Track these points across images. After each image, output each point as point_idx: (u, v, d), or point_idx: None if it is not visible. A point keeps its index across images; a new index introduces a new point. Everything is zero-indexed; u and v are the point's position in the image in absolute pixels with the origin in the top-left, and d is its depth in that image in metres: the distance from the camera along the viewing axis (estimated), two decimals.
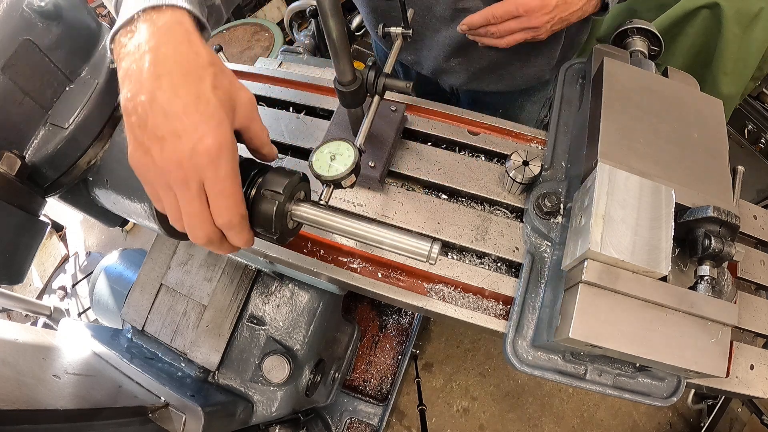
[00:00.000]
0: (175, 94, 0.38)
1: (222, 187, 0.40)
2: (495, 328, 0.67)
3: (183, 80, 0.39)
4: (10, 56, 0.44)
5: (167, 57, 0.38)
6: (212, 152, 0.39)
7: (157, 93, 0.38)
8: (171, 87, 0.38)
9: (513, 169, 0.71)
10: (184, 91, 0.38)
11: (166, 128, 0.38)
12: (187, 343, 0.92)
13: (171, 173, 0.39)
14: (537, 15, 0.74)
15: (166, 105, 0.38)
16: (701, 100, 0.67)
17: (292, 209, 0.50)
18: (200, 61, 0.40)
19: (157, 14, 0.40)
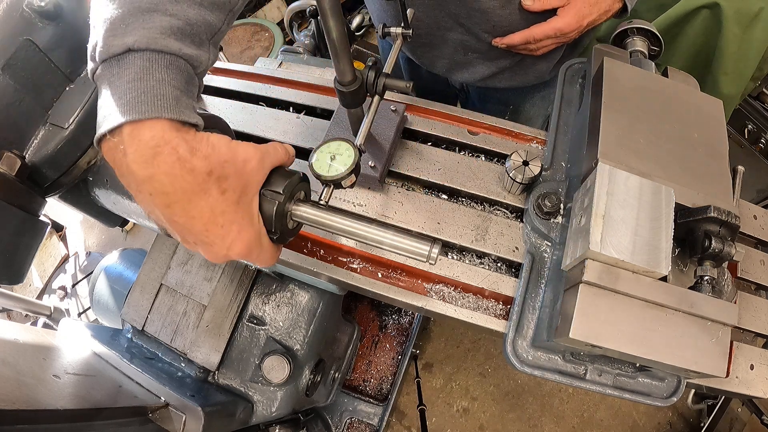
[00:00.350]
0: (190, 217, 0.40)
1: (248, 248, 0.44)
2: (495, 328, 0.67)
3: (191, 204, 0.39)
4: (10, 56, 0.45)
5: (165, 186, 0.38)
6: (243, 253, 0.43)
7: (175, 219, 0.40)
8: (183, 212, 0.40)
9: (513, 169, 0.71)
10: (197, 212, 0.40)
11: (197, 241, 0.42)
12: (187, 343, 0.92)
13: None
14: (571, 33, 0.82)
15: (188, 227, 0.41)
16: (701, 100, 0.67)
17: (292, 209, 0.50)
18: (198, 178, 0.39)
19: (139, 130, 0.37)
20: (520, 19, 0.85)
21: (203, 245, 0.43)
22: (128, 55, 0.38)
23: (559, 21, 0.81)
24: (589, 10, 0.80)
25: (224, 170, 0.40)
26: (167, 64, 0.39)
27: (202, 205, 0.40)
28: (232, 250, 0.43)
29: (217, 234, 0.41)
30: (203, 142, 0.40)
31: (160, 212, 0.40)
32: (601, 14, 0.82)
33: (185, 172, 0.38)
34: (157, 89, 0.37)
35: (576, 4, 0.80)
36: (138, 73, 0.38)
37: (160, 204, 0.39)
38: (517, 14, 0.84)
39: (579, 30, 0.83)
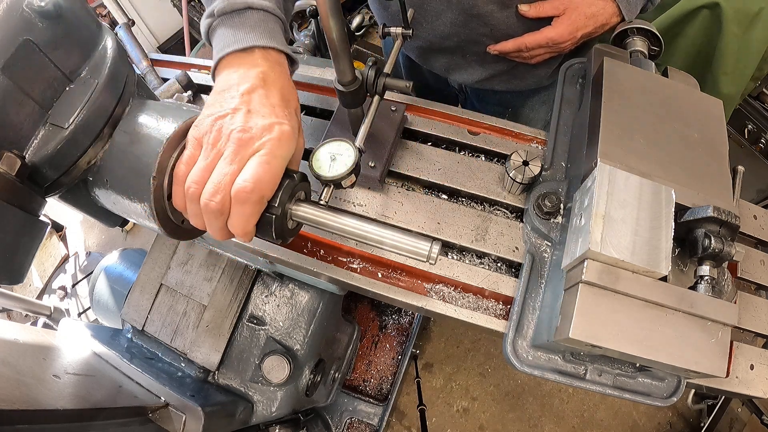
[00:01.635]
0: (273, 96, 0.52)
1: (269, 159, 0.47)
2: (495, 328, 0.67)
3: (280, 94, 0.53)
4: (10, 56, 0.44)
5: (275, 78, 0.54)
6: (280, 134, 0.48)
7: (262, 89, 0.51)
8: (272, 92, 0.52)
9: (513, 169, 0.71)
10: (279, 98, 0.52)
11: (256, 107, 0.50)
12: (187, 343, 0.92)
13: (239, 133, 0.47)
14: (565, 44, 0.82)
15: (264, 96, 0.51)
16: (701, 100, 0.67)
17: (292, 209, 0.50)
18: (293, 93, 0.56)
19: (266, 51, 0.54)
20: (518, 24, 0.85)
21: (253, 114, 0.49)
22: (248, 11, 0.55)
23: (551, 31, 0.81)
24: (585, 23, 0.80)
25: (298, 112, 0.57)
26: (275, 20, 0.58)
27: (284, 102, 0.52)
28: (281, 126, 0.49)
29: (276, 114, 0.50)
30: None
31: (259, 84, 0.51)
32: (598, 27, 0.81)
33: (288, 84, 0.56)
34: (275, 32, 0.56)
35: (571, 15, 0.79)
36: (258, 22, 0.55)
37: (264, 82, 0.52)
38: (514, 19, 0.84)
39: (573, 41, 0.82)
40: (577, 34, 0.80)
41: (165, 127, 0.50)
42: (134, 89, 0.55)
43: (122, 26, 1.13)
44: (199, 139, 0.48)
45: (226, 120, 0.48)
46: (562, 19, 0.80)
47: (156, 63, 1.06)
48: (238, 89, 0.50)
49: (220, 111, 0.49)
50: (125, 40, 1.09)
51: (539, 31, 0.82)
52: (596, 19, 0.80)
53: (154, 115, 0.52)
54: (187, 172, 0.48)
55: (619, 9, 0.79)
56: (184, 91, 0.92)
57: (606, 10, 0.79)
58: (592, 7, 0.79)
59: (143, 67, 1.03)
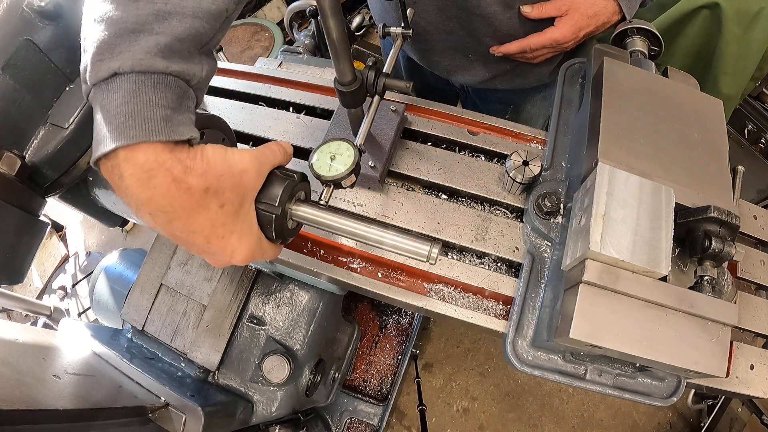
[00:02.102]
0: (191, 232, 0.41)
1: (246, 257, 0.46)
2: (495, 328, 0.67)
3: (191, 219, 0.40)
4: (10, 56, 0.44)
5: (164, 206, 0.39)
6: (246, 259, 0.45)
7: (177, 234, 0.41)
8: (184, 228, 0.41)
9: (513, 169, 0.71)
10: (198, 227, 0.41)
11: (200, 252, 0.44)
12: (187, 343, 0.92)
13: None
14: (568, 44, 0.83)
15: (192, 241, 0.42)
16: (701, 100, 0.67)
17: (292, 209, 0.50)
18: (195, 196, 0.39)
19: (133, 154, 0.37)
20: (521, 25, 0.85)
21: (206, 255, 0.45)
22: (115, 79, 0.38)
23: (555, 32, 0.81)
24: (587, 22, 0.80)
25: (221, 184, 0.41)
26: (154, 84, 0.38)
27: (202, 220, 0.41)
28: (234, 258, 0.45)
29: (218, 245, 0.43)
30: (198, 159, 0.40)
31: (162, 229, 0.41)
32: (599, 26, 0.82)
33: (182, 192, 0.39)
34: (144, 112, 0.37)
35: (574, 16, 0.80)
36: (125, 97, 0.37)
37: (161, 222, 0.40)
38: (517, 19, 0.84)
39: (575, 41, 0.83)
40: (580, 33, 0.81)
41: None
42: None
43: None
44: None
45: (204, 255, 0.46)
46: (565, 19, 0.80)
47: None
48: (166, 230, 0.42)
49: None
50: None
51: (543, 32, 0.83)
52: (598, 18, 0.80)
53: None
54: None
55: (620, 7, 0.80)
56: None
57: (607, 9, 0.80)
58: (593, 7, 0.79)
59: None
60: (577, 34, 0.81)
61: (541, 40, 0.83)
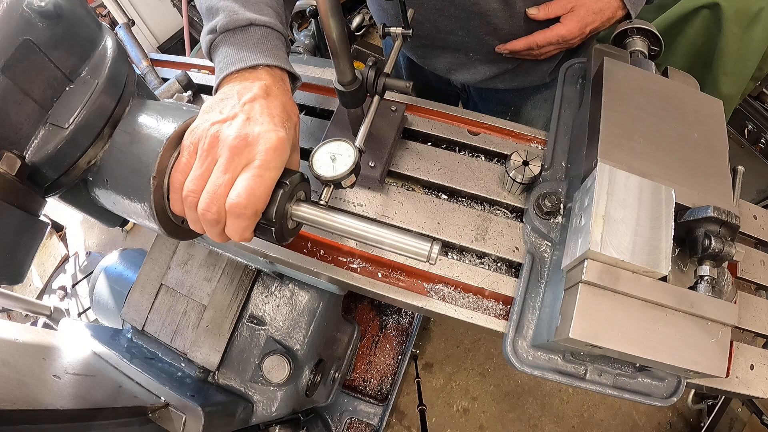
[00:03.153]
0: (274, 107, 0.51)
1: (261, 173, 0.46)
2: (495, 328, 0.67)
3: (282, 107, 0.52)
4: (10, 56, 0.44)
5: (278, 92, 0.54)
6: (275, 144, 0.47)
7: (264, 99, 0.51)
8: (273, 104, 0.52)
9: (513, 169, 0.71)
10: (280, 110, 0.52)
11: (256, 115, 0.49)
12: (187, 343, 0.92)
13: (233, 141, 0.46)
14: (574, 40, 0.84)
15: (265, 106, 0.51)
16: (701, 100, 0.67)
17: (292, 209, 0.50)
18: (294, 109, 0.55)
19: (271, 69, 0.55)
20: (522, 22, 0.85)
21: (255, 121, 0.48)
22: (250, 28, 0.56)
23: (561, 28, 0.81)
24: (593, 18, 0.81)
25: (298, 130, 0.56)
26: (277, 37, 0.59)
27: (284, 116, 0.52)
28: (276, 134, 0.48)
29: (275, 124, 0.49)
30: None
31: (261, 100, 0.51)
32: (604, 21, 0.82)
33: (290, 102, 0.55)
34: (278, 50, 0.57)
35: (579, 12, 0.80)
36: (261, 39, 0.56)
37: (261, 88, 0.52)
38: (518, 17, 0.84)
39: (581, 37, 0.83)
40: (586, 29, 0.82)
41: (165, 127, 0.50)
42: (134, 89, 0.55)
43: (122, 26, 1.13)
44: (195, 145, 0.48)
45: (224, 126, 0.47)
46: (571, 16, 0.81)
47: (156, 63, 1.06)
48: (239, 98, 0.50)
49: (218, 117, 0.48)
50: (125, 40, 1.09)
51: (549, 29, 0.83)
52: (603, 13, 0.81)
53: (154, 115, 0.52)
54: (183, 180, 0.48)
55: (624, 2, 0.80)
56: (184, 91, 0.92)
57: (611, 4, 0.80)
58: (598, 3, 0.80)
59: (143, 67, 1.03)
60: (583, 30, 0.81)
61: (548, 36, 0.83)
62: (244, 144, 0.46)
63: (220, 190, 0.46)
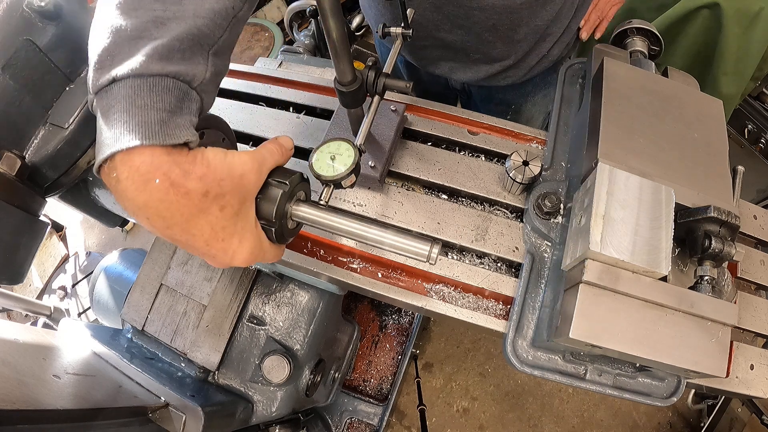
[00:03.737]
0: (191, 236, 0.41)
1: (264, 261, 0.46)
2: (495, 328, 0.67)
3: (190, 224, 0.40)
4: (10, 56, 0.44)
5: (161, 211, 0.38)
6: (247, 261, 0.45)
7: (176, 238, 0.41)
8: (183, 232, 0.40)
9: (513, 169, 0.71)
10: (197, 230, 0.40)
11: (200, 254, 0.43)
12: (187, 343, 0.92)
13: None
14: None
15: (190, 244, 0.41)
16: (701, 100, 0.67)
17: (292, 209, 0.50)
18: (194, 200, 0.39)
19: (130, 158, 0.37)
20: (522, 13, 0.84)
21: (207, 257, 0.44)
22: (114, 86, 0.38)
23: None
24: None
25: (221, 188, 0.41)
26: (150, 87, 0.38)
27: (202, 224, 0.40)
28: (235, 260, 0.44)
29: (219, 248, 0.42)
30: (197, 162, 0.39)
31: (161, 233, 0.41)
32: None
33: (180, 197, 0.38)
34: (140, 116, 0.37)
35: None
36: (123, 102, 0.37)
37: (159, 227, 0.40)
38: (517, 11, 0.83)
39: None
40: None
41: None
42: None
43: None
44: None
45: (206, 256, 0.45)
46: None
47: None
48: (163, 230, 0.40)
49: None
50: None
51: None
52: None
53: None
54: None
55: None
56: None
57: None
58: None
59: None
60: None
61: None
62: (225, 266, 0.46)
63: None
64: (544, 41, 0.94)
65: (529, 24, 0.86)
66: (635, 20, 0.79)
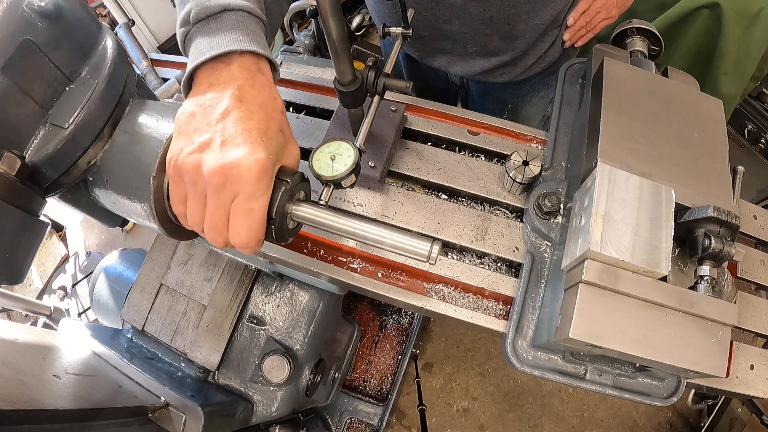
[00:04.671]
0: (250, 116, 0.45)
1: (250, 207, 0.45)
2: (495, 328, 0.67)
3: (260, 112, 0.46)
4: (10, 56, 0.44)
5: (254, 93, 0.47)
6: (256, 172, 0.44)
7: (238, 110, 0.45)
8: (249, 111, 0.45)
9: (513, 169, 0.71)
10: (257, 118, 0.46)
11: (231, 134, 0.44)
12: (187, 343, 0.92)
13: (212, 177, 0.43)
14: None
15: (240, 119, 0.45)
16: (701, 100, 0.67)
17: (292, 209, 0.50)
18: (276, 105, 0.49)
19: (245, 58, 0.48)
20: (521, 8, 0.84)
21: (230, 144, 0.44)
22: (224, 14, 0.49)
23: None
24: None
25: (286, 123, 0.50)
26: (255, 21, 0.51)
27: (264, 119, 0.46)
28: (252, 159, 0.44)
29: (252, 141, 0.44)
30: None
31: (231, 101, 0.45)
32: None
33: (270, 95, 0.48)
34: (255, 34, 0.50)
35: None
36: (236, 24, 0.49)
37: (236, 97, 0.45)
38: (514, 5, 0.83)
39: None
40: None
41: (165, 127, 0.50)
42: (134, 89, 0.55)
43: (122, 26, 1.13)
44: (180, 176, 0.46)
45: (202, 157, 0.44)
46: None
47: (156, 63, 1.07)
48: (211, 113, 0.45)
49: (191, 146, 0.45)
50: (125, 40, 1.10)
51: None
52: None
53: (154, 115, 0.52)
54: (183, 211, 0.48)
55: None
56: None
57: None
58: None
59: (143, 67, 1.03)
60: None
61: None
62: (224, 180, 0.43)
63: (220, 226, 0.46)
64: (542, 41, 0.94)
65: (528, 22, 0.86)
66: (635, 20, 0.79)
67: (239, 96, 0.46)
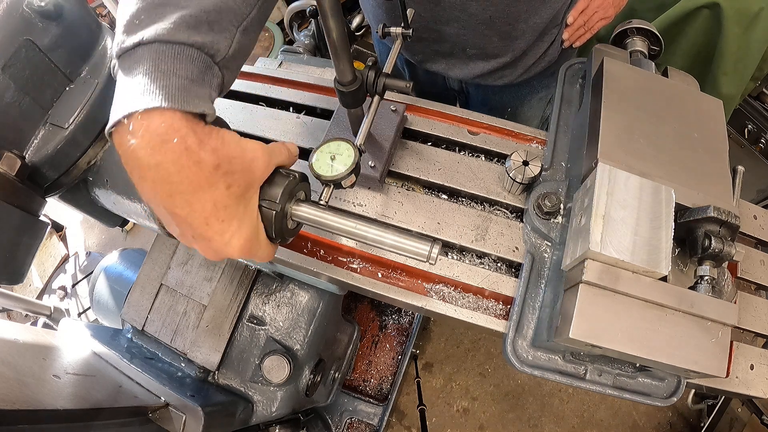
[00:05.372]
0: (192, 209, 0.39)
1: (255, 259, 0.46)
2: (495, 328, 0.67)
3: (195, 195, 0.39)
4: (10, 56, 0.44)
5: (171, 174, 0.37)
6: (241, 249, 0.43)
7: (176, 211, 0.39)
8: (186, 203, 0.39)
9: (513, 169, 0.71)
10: (200, 205, 0.39)
11: (195, 235, 0.41)
12: (187, 343, 0.92)
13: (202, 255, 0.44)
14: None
15: (189, 220, 0.40)
16: (701, 100, 0.67)
17: (292, 209, 0.50)
18: (205, 170, 0.38)
19: (149, 118, 0.36)
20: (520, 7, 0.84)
21: (201, 240, 0.42)
22: (138, 49, 0.38)
23: None
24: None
25: (232, 166, 0.40)
26: (174, 54, 0.38)
27: (206, 198, 0.39)
28: (230, 246, 0.43)
29: (216, 229, 0.41)
30: (213, 135, 0.40)
31: (162, 201, 0.39)
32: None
33: (192, 164, 0.38)
34: (162, 80, 0.37)
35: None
36: (145, 66, 0.38)
37: (162, 193, 0.38)
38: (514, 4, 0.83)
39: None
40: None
41: None
42: None
43: None
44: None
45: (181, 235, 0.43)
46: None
47: None
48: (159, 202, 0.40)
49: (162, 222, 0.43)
50: None
51: None
52: None
53: None
54: None
55: None
56: None
57: None
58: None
59: None
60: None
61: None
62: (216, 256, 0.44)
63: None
64: (541, 41, 0.94)
65: (528, 21, 0.86)
66: (635, 20, 0.79)
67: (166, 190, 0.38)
